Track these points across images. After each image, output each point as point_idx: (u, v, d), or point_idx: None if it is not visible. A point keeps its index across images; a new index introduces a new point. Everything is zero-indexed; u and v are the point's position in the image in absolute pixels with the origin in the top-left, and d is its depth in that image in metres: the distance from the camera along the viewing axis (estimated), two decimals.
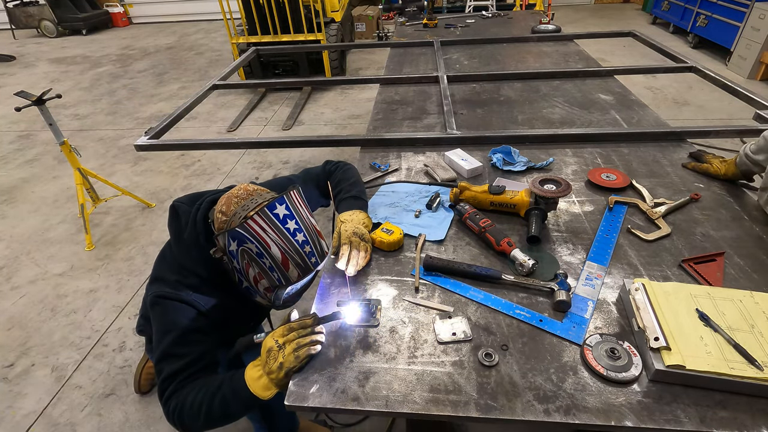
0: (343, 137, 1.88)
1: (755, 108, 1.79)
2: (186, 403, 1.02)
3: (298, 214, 1.04)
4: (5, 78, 6.40)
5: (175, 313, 1.11)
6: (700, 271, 1.11)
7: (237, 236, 0.99)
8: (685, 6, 5.92)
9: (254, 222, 0.98)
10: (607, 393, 0.86)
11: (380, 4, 7.46)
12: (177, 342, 1.08)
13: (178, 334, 1.08)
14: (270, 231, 0.99)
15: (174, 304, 1.11)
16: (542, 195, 1.22)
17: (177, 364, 1.06)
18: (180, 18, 9.33)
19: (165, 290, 1.12)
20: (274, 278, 1.03)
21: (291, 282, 1.05)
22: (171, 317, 1.11)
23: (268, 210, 1.00)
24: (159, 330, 1.11)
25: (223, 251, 1.05)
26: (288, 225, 1.01)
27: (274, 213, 1.00)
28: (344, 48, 5.83)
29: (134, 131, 4.47)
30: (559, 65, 2.59)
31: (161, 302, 1.12)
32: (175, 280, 1.14)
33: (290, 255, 1.01)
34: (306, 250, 1.03)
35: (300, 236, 1.02)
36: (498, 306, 1.05)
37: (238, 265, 1.05)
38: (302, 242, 1.02)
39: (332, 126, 4.36)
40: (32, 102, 2.45)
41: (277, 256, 1.00)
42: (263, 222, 0.99)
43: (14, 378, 2.05)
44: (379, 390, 0.89)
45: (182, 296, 1.11)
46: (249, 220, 0.98)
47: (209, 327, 1.14)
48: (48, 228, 3.08)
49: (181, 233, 1.16)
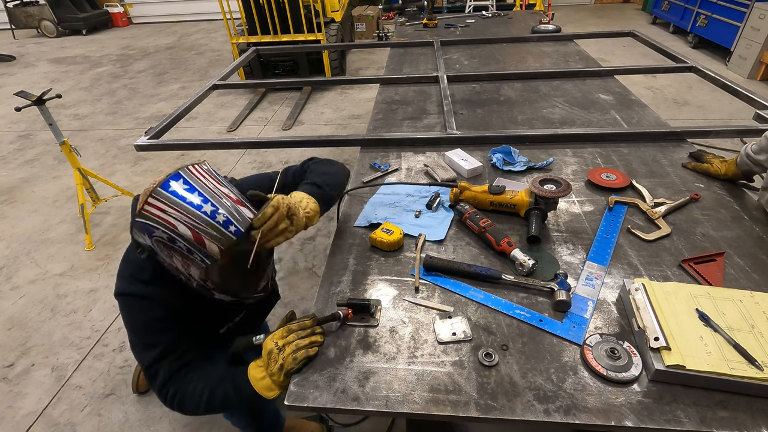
0: (343, 137, 1.88)
1: (755, 108, 1.79)
2: (187, 392, 1.05)
3: (201, 186, 0.97)
4: (5, 78, 6.41)
5: (133, 308, 1.12)
6: (700, 271, 1.11)
7: (143, 228, 0.95)
8: (685, 6, 5.92)
9: (150, 205, 0.93)
10: (607, 393, 0.86)
11: (380, 4, 7.46)
12: (143, 333, 1.10)
13: (140, 326, 1.11)
14: (170, 210, 0.93)
15: (130, 300, 1.12)
16: (542, 195, 1.22)
17: (153, 352, 1.08)
18: (180, 18, 9.34)
19: (122, 287, 1.12)
20: (197, 260, 0.96)
21: (215, 260, 0.96)
22: (130, 312, 1.12)
23: (162, 189, 0.93)
24: (126, 326, 1.14)
25: (147, 249, 1.01)
26: (189, 198, 0.94)
27: (170, 191, 0.94)
28: (344, 48, 5.83)
29: (134, 131, 4.48)
30: (559, 65, 2.59)
31: (120, 299, 1.13)
32: (130, 275, 1.13)
33: (201, 229, 0.93)
34: (219, 220, 0.94)
35: (207, 206, 0.94)
36: (498, 306, 1.05)
37: (166, 260, 1.01)
38: (211, 212, 0.94)
39: (332, 126, 4.37)
40: (32, 102, 2.45)
41: (187, 234, 0.93)
42: (159, 202, 0.93)
43: (14, 378, 2.05)
44: (379, 390, 0.89)
45: (135, 291, 1.10)
46: (145, 206, 0.93)
47: (171, 315, 1.11)
48: (48, 228, 3.08)
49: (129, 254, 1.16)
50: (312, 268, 2.55)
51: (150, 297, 1.10)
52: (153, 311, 1.11)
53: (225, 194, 0.99)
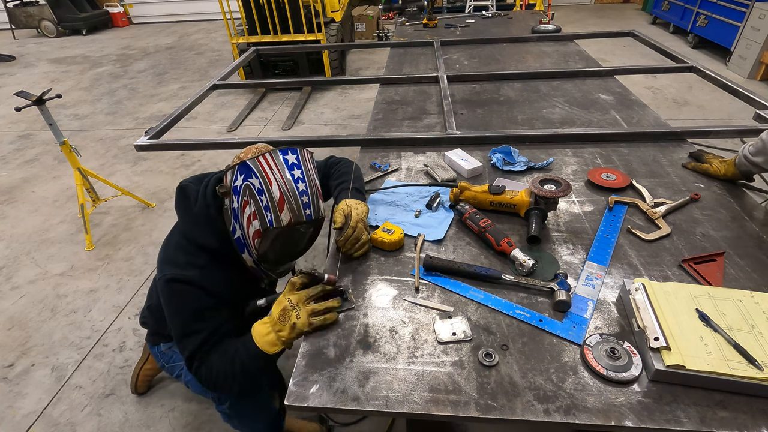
0: (343, 137, 1.88)
1: (755, 108, 1.79)
2: (213, 372, 1.12)
3: (305, 167, 1.12)
4: (5, 78, 6.41)
5: (187, 295, 1.15)
6: (700, 271, 1.11)
7: (245, 170, 1.08)
8: (685, 6, 5.92)
9: (264, 159, 1.08)
10: (607, 393, 0.86)
11: (380, 4, 7.46)
12: (192, 321, 1.14)
13: (191, 314, 1.14)
14: (275, 171, 1.07)
15: (184, 287, 1.14)
16: (542, 195, 1.22)
17: (197, 338, 1.13)
18: (180, 18, 9.34)
19: (175, 272, 1.15)
20: (266, 218, 1.09)
21: (281, 225, 1.09)
22: (183, 299, 1.15)
23: (279, 153, 1.09)
24: (172, 312, 1.17)
25: (228, 188, 1.12)
26: (293, 171, 1.09)
27: (284, 157, 1.09)
28: (344, 48, 5.84)
29: (134, 131, 4.48)
30: (559, 65, 2.59)
31: (172, 285, 1.15)
32: (185, 262, 1.17)
33: (287, 197, 1.07)
34: (303, 200, 1.09)
35: (301, 185, 1.09)
36: (498, 306, 1.05)
37: (237, 203, 1.11)
38: (302, 191, 1.09)
39: (332, 126, 4.37)
40: (32, 102, 2.45)
41: (276, 194, 1.07)
42: (272, 162, 1.08)
43: (14, 378, 2.05)
44: (379, 390, 0.89)
45: (192, 278, 1.14)
46: (260, 156, 1.08)
47: (219, 304, 1.18)
48: (48, 228, 3.08)
49: (190, 208, 1.20)
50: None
51: (204, 285, 1.15)
52: (206, 301, 1.15)
53: (315, 185, 1.14)
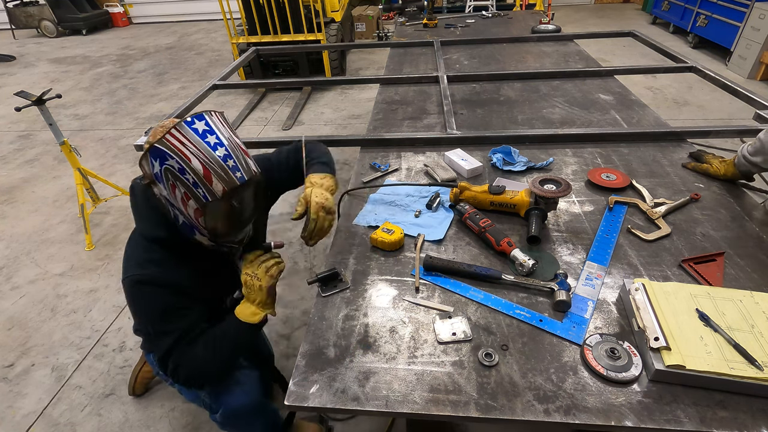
0: (343, 137, 1.88)
1: (755, 108, 1.79)
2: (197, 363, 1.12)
3: (219, 131, 1.04)
4: (5, 78, 6.40)
5: (150, 296, 1.12)
6: (700, 271, 1.11)
7: (157, 153, 1.00)
8: (685, 6, 5.92)
9: (172, 136, 1.00)
10: (607, 393, 0.86)
11: (380, 4, 7.46)
12: (160, 321, 1.13)
13: (158, 315, 1.12)
14: (189, 144, 1.00)
15: (146, 288, 1.12)
16: (542, 195, 1.23)
17: (169, 338, 1.11)
18: (180, 18, 9.33)
19: (136, 272, 1.12)
20: (199, 195, 1.03)
21: (217, 198, 1.03)
22: (147, 300, 1.13)
23: (186, 125, 1.01)
24: (139, 314, 1.16)
25: (150, 177, 1.05)
26: (208, 139, 1.02)
27: (192, 128, 1.01)
28: (344, 48, 5.84)
29: (134, 131, 4.47)
30: (559, 65, 2.59)
31: (135, 287, 1.12)
32: (143, 259, 1.14)
33: (212, 167, 1.01)
34: (229, 164, 1.03)
35: (221, 150, 1.02)
36: (498, 306, 1.05)
37: (165, 189, 1.05)
38: (224, 156, 1.02)
39: (332, 126, 4.36)
40: (32, 102, 2.45)
41: (198, 169, 1.00)
42: (181, 136, 1.00)
43: (14, 378, 2.05)
44: (379, 390, 0.89)
45: (153, 277, 1.12)
46: (167, 134, 1.00)
47: (188, 302, 1.15)
48: (48, 228, 3.08)
49: (137, 205, 1.19)
50: (312, 269, 2.55)
51: (166, 283, 1.12)
52: (169, 299, 1.13)
53: (237, 145, 1.07)
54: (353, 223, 1.37)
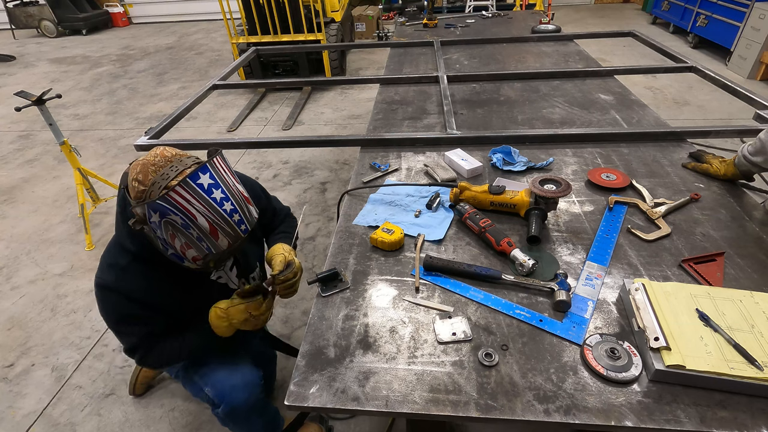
0: (343, 137, 1.88)
1: (755, 108, 1.79)
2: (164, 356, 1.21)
3: (224, 183, 1.01)
4: (5, 78, 6.40)
5: (108, 301, 1.14)
6: (700, 271, 1.11)
7: (158, 208, 0.95)
8: (685, 6, 5.92)
9: (177, 194, 0.94)
10: (607, 393, 0.86)
11: (380, 4, 7.46)
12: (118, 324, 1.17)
13: (116, 319, 1.17)
14: (195, 202, 0.96)
15: (104, 293, 1.14)
16: (542, 195, 1.22)
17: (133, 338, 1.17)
18: (180, 18, 9.33)
19: (99, 276, 1.14)
20: (202, 247, 1.01)
21: (221, 250, 1.04)
22: (105, 304, 1.15)
23: (191, 180, 0.95)
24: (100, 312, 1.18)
25: (143, 222, 0.99)
26: (214, 195, 0.98)
27: (197, 183, 0.96)
28: (344, 48, 5.83)
29: (134, 131, 4.48)
30: (559, 65, 2.59)
31: (96, 290, 1.15)
32: (108, 263, 1.14)
33: (219, 225, 0.99)
34: (235, 219, 1.02)
35: (228, 205, 1.00)
36: (498, 306, 1.05)
37: (161, 236, 1.00)
38: (230, 211, 1.00)
39: (332, 126, 4.37)
40: (32, 102, 2.45)
41: (205, 227, 0.98)
42: (187, 193, 0.95)
43: (14, 378, 2.05)
44: (379, 390, 0.89)
45: (108, 283, 1.12)
46: (171, 191, 0.93)
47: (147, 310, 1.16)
48: (48, 228, 3.08)
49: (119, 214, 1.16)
50: (312, 268, 2.55)
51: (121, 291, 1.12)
52: (126, 306, 1.13)
53: (240, 192, 1.06)
54: (353, 223, 1.37)
